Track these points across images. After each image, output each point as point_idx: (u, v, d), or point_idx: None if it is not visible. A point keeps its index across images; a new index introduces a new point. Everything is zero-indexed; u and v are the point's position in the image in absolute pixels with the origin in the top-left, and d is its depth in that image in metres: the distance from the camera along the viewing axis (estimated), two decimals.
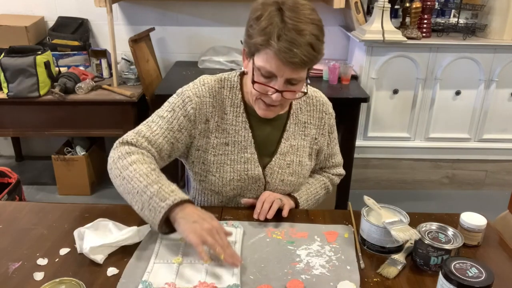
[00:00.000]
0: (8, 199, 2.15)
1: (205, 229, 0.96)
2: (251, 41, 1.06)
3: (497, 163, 2.97)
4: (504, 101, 2.82)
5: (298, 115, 1.27)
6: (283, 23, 1.00)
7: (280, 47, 1.00)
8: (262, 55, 1.05)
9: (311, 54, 1.02)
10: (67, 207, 1.23)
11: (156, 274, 0.95)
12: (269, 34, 1.01)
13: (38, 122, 2.62)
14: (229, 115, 1.22)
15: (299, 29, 1.00)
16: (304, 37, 1.00)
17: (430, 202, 2.90)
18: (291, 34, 0.99)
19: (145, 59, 2.74)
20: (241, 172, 1.22)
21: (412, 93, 2.77)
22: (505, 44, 2.67)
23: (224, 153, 1.21)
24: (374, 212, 1.10)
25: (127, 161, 1.07)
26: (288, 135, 1.26)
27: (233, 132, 1.22)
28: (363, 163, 2.90)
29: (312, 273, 0.98)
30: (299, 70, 1.05)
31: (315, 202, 1.36)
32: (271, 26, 1.01)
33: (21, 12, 2.95)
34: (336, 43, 3.06)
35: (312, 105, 1.28)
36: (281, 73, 1.05)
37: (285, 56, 1.00)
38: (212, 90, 1.21)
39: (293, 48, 1.00)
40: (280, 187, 1.26)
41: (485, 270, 0.85)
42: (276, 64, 1.03)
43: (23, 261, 1.00)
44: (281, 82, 1.06)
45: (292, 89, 1.09)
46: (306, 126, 1.28)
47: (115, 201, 2.92)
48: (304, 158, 1.28)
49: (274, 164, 1.24)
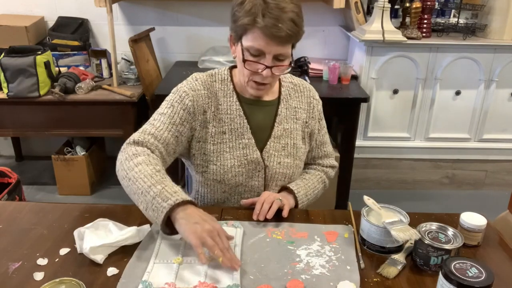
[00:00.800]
0: (8, 199, 2.15)
1: (205, 231, 0.97)
2: (237, 24, 1.15)
3: (497, 163, 2.97)
4: (504, 101, 2.82)
5: (288, 101, 1.34)
6: (266, 4, 1.10)
7: (266, 23, 1.09)
8: (249, 35, 1.14)
9: (294, 28, 1.12)
10: (67, 207, 1.23)
11: (156, 274, 0.95)
12: (254, 14, 1.11)
13: (38, 122, 2.62)
14: (223, 105, 1.28)
15: (281, 7, 1.10)
16: (287, 13, 1.10)
17: (430, 202, 2.90)
18: (274, 12, 1.09)
19: (145, 59, 2.74)
20: (241, 157, 1.27)
21: (412, 93, 2.77)
22: (505, 44, 2.67)
23: (222, 141, 1.27)
24: (374, 212, 1.10)
25: (133, 162, 1.09)
26: (281, 119, 1.32)
27: (229, 120, 1.27)
28: (363, 163, 2.90)
29: (312, 273, 0.98)
30: (285, 45, 1.15)
31: (314, 197, 1.39)
32: (255, 7, 1.11)
33: (21, 12, 2.95)
34: (336, 43, 3.06)
35: (299, 92, 1.37)
36: (269, 49, 1.13)
37: (272, 31, 1.09)
38: (205, 83, 1.28)
39: (278, 23, 1.09)
40: (279, 169, 1.30)
41: (485, 270, 0.85)
42: (264, 41, 1.12)
43: (23, 261, 1.00)
44: (269, 59, 1.15)
45: (279, 64, 1.18)
46: (297, 111, 1.35)
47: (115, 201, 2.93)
48: (298, 140, 1.34)
49: (270, 147, 1.30)
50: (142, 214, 1.07)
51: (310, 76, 2.72)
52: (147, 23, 2.97)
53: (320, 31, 3.01)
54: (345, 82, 2.64)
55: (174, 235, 1.03)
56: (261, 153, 1.29)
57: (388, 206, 1.11)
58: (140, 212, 1.06)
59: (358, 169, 2.85)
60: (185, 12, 2.97)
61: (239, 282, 0.93)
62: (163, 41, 3.05)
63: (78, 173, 2.79)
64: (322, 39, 3.05)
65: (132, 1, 2.93)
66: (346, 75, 2.63)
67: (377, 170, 2.95)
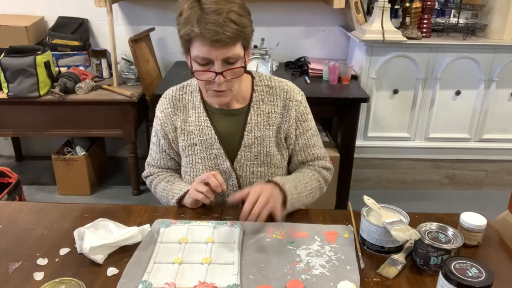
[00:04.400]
0: (8, 199, 2.15)
1: (197, 181, 1.18)
2: (180, 36, 1.13)
3: (497, 163, 2.97)
4: (504, 101, 2.82)
5: (260, 106, 1.28)
6: (201, 10, 1.07)
7: (201, 30, 1.05)
8: (193, 45, 1.11)
9: (234, 29, 1.07)
10: (67, 207, 1.23)
11: (156, 274, 0.95)
12: (190, 22, 1.07)
13: (38, 122, 2.62)
14: (192, 117, 1.29)
15: (217, 10, 1.06)
16: (223, 15, 1.06)
17: (430, 202, 2.90)
18: (210, 16, 1.05)
19: (145, 59, 2.74)
20: (213, 167, 1.28)
21: (412, 93, 2.77)
22: (505, 44, 2.67)
23: (194, 152, 1.29)
24: (374, 212, 1.10)
25: (153, 188, 1.39)
26: (251, 127, 1.27)
27: (198, 131, 1.28)
28: (363, 163, 2.90)
29: (312, 273, 0.98)
30: (230, 47, 1.09)
31: (308, 194, 1.27)
32: (191, 15, 1.07)
33: (21, 12, 2.96)
34: (336, 43, 3.06)
35: (275, 95, 1.30)
36: (214, 55, 1.09)
37: (209, 36, 1.05)
38: (173, 99, 1.31)
39: (215, 27, 1.05)
40: (252, 179, 1.29)
41: (485, 270, 0.85)
42: (206, 48, 1.08)
43: (23, 261, 1.00)
44: (218, 65, 1.11)
45: (231, 67, 1.13)
46: (270, 116, 1.29)
47: (115, 201, 2.93)
48: (272, 148, 1.29)
49: (241, 157, 1.28)
50: (142, 214, 1.21)
51: (310, 76, 2.72)
52: (147, 23, 2.97)
53: (320, 31, 3.01)
54: (345, 82, 2.64)
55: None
56: (232, 163, 1.27)
57: (388, 206, 1.11)
58: (140, 212, 1.22)
59: (358, 169, 2.84)
60: None
61: (239, 282, 0.93)
62: (163, 41, 3.05)
63: (78, 173, 2.79)
64: (322, 39, 3.05)
65: (132, 1, 2.93)
66: (346, 75, 2.63)
67: (377, 170, 2.95)
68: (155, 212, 1.21)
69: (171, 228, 1.12)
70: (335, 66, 2.61)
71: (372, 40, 2.57)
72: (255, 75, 1.32)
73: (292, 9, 2.93)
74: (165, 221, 1.15)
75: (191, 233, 1.10)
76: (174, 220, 1.15)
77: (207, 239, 1.08)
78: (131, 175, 2.82)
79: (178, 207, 1.26)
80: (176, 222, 1.15)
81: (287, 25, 2.95)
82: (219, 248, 1.05)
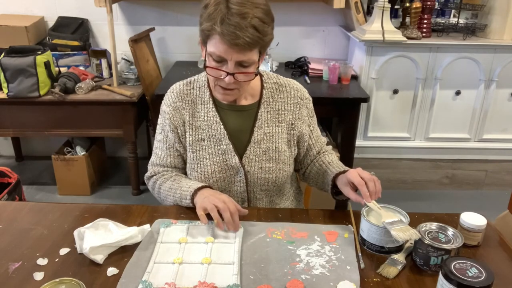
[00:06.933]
0: (8, 199, 2.15)
1: (210, 200, 1.11)
2: (201, 28, 1.13)
3: (497, 163, 2.97)
4: (504, 101, 2.82)
5: (270, 103, 1.30)
6: (227, 9, 1.07)
7: (222, 30, 1.06)
8: (211, 40, 1.11)
9: (255, 35, 1.07)
10: (67, 207, 1.23)
11: (156, 274, 0.95)
12: (214, 19, 1.07)
13: (38, 122, 2.62)
14: (200, 112, 1.29)
15: (242, 13, 1.06)
16: (247, 20, 1.06)
17: (430, 202, 2.90)
18: (234, 18, 1.05)
19: (145, 59, 2.74)
20: (221, 163, 1.27)
21: (412, 93, 2.77)
22: (505, 44, 2.67)
23: (202, 148, 1.28)
24: (374, 212, 1.10)
25: (157, 189, 1.33)
26: (261, 124, 1.29)
27: (207, 127, 1.28)
28: (363, 163, 2.90)
29: (312, 273, 0.98)
30: (247, 52, 1.10)
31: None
32: (215, 12, 1.07)
33: (21, 12, 2.96)
34: (336, 43, 3.06)
35: (285, 92, 1.32)
36: (229, 56, 1.10)
37: (229, 38, 1.06)
38: (181, 93, 1.30)
39: (236, 31, 1.05)
40: (260, 174, 1.29)
41: (485, 270, 0.85)
42: (223, 48, 1.09)
43: (23, 261, 1.00)
44: (231, 65, 1.12)
45: (243, 71, 1.14)
46: (280, 113, 1.31)
47: (115, 201, 2.93)
48: (281, 144, 1.30)
49: (250, 153, 1.28)
50: (142, 214, 1.20)
51: (310, 76, 2.72)
52: (147, 23, 2.97)
53: (320, 31, 3.01)
54: (345, 82, 2.64)
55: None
56: (241, 158, 1.27)
57: (388, 206, 1.11)
58: (140, 212, 1.21)
59: None
60: (185, 12, 2.97)
61: (239, 282, 0.93)
62: (163, 41, 3.05)
63: (78, 173, 2.79)
64: (322, 39, 3.05)
65: (132, 1, 2.93)
66: (346, 75, 2.63)
67: (377, 170, 2.95)
68: (155, 212, 1.21)
69: (171, 228, 1.12)
70: (335, 66, 2.61)
71: (372, 40, 2.57)
72: (263, 73, 1.34)
73: (292, 9, 2.92)
74: (165, 221, 1.15)
75: (191, 233, 1.10)
76: (174, 220, 1.16)
77: (207, 239, 1.08)
78: (131, 175, 2.82)
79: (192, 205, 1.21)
80: (176, 222, 1.15)
81: (287, 25, 2.95)
82: (219, 248, 1.05)
